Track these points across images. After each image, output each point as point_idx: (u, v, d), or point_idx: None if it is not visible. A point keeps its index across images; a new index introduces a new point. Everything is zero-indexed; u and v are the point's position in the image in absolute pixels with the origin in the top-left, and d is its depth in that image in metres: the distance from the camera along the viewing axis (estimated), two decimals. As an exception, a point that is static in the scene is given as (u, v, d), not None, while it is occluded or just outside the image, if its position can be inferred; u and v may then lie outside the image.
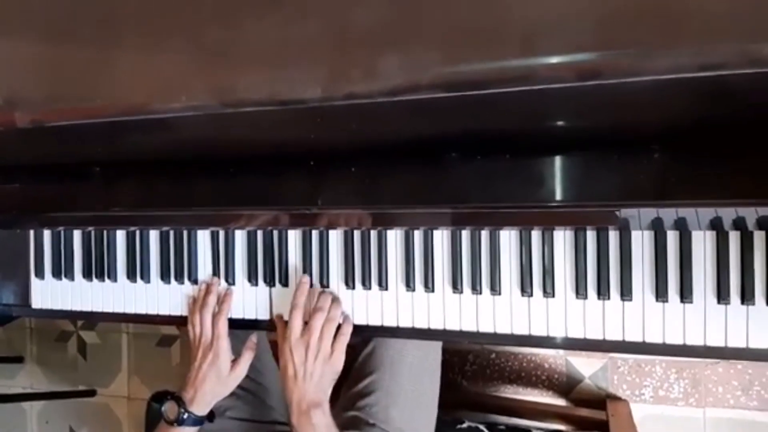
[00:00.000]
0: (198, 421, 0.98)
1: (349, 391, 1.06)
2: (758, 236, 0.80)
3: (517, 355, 1.68)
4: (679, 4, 0.39)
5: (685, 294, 0.82)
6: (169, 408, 0.98)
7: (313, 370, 0.92)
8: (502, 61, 0.44)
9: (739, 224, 0.80)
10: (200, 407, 0.98)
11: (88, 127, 0.61)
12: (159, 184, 0.83)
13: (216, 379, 0.99)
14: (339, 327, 0.96)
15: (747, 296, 0.80)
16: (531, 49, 0.43)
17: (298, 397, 0.91)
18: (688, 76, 0.39)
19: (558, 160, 0.65)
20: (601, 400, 1.59)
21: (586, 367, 1.63)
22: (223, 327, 1.00)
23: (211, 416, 1.02)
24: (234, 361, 1.01)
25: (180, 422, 0.96)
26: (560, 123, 0.59)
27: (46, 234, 1.18)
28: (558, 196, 0.66)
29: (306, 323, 0.94)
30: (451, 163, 0.69)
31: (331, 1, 0.49)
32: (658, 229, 0.83)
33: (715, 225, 0.81)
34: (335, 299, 0.97)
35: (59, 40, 0.58)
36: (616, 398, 1.60)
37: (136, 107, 0.54)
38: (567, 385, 1.64)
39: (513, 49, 0.43)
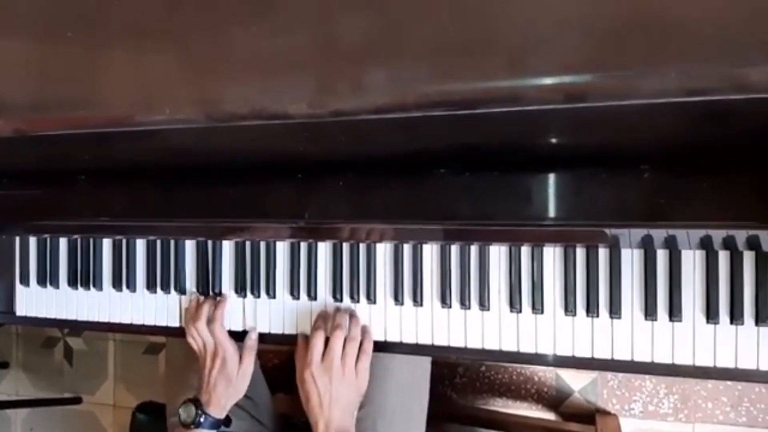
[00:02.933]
0: (215, 424, 0.97)
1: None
2: (748, 256, 0.79)
3: (507, 368, 1.67)
4: (667, 28, 0.39)
5: (674, 313, 0.82)
6: (186, 411, 0.97)
7: (339, 394, 0.88)
8: (491, 81, 0.43)
9: (728, 244, 0.80)
10: (217, 410, 0.97)
11: (71, 136, 0.60)
12: (144, 194, 0.82)
13: (226, 383, 0.98)
14: (360, 345, 0.93)
15: (736, 316, 0.80)
16: (520, 69, 0.42)
17: (325, 425, 0.88)
18: (676, 100, 0.39)
19: (548, 178, 0.64)
20: (591, 415, 1.58)
21: (576, 380, 1.62)
22: (220, 333, 0.99)
23: (227, 421, 1.01)
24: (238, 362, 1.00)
25: (197, 425, 0.95)
26: (550, 141, 0.59)
27: (32, 241, 1.17)
28: (548, 215, 0.65)
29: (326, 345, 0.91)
30: (440, 178, 0.68)
31: (319, 17, 0.48)
32: (647, 247, 0.82)
33: (705, 244, 0.80)
34: (353, 316, 0.94)
35: (43, 49, 0.57)
36: (605, 413, 1.59)
37: (120, 119, 0.54)
38: (556, 399, 1.64)
39: (502, 70, 0.43)
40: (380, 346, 0.96)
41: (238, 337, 1.03)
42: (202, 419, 0.95)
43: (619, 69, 0.39)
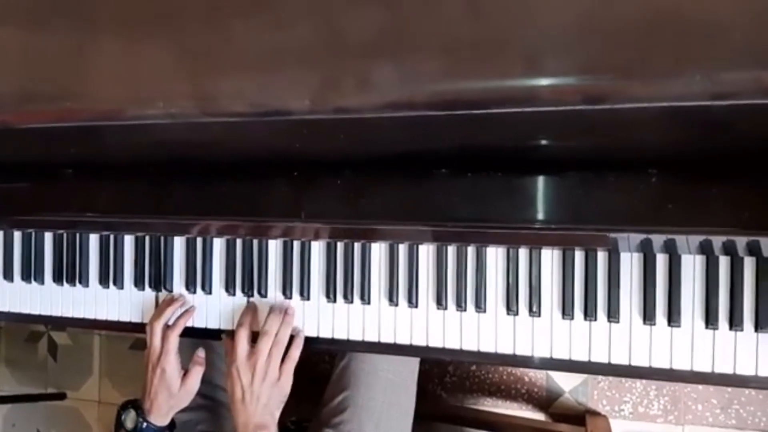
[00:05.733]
0: (157, 431, 0.96)
1: (324, 406, 1.03)
2: (748, 262, 0.79)
3: (497, 368, 1.66)
4: (692, 31, 0.37)
5: (673, 318, 0.81)
6: (128, 417, 0.96)
7: (260, 393, 0.90)
8: (506, 80, 0.41)
9: (729, 249, 0.79)
10: (158, 418, 0.96)
11: (60, 129, 0.58)
12: (133, 190, 0.80)
13: (167, 393, 0.96)
14: (288, 348, 0.93)
15: (735, 322, 0.79)
16: (535, 69, 0.40)
17: (245, 420, 0.90)
18: (698, 104, 0.37)
19: (552, 181, 0.63)
20: (581, 416, 1.58)
21: (566, 381, 1.62)
22: (172, 342, 0.96)
23: (171, 426, 0.99)
24: (184, 376, 0.98)
25: (139, 431, 0.94)
26: (560, 144, 0.57)
27: (16, 235, 1.14)
28: (550, 218, 0.64)
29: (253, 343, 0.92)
30: (442, 178, 0.67)
31: (323, 10, 0.46)
32: (647, 251, 0.81)
33: (705, 249, 0.80)
34: (285, 318, 0.94)
35: (32, 39, 0.54)
36: (595, 414, 1.59)
37: (110, 113, 0.51)
38: (546, 399, 1.63)
39: (516, 69, 0.41)
40: (374, 348, 0.94)
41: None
42: (143, 426, 0.95)
43: (642, 71, 0.38)
